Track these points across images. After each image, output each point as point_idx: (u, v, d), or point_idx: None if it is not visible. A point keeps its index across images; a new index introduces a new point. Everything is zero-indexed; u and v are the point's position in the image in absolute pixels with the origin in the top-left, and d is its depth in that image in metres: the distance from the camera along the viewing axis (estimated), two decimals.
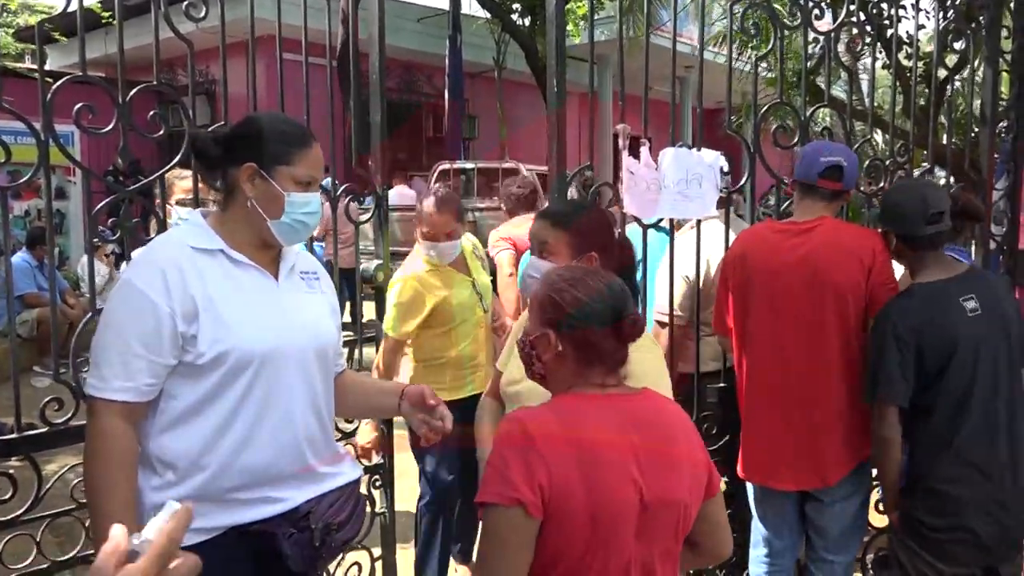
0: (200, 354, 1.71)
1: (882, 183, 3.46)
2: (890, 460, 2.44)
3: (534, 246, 2.18)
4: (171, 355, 1.70)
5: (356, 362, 3.12)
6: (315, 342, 1.88)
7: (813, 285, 2.54)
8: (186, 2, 2.42)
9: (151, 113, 2.45)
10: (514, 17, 13.94)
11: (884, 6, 3.47)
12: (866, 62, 4.96)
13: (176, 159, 2.42)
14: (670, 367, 2.30)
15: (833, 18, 3.26)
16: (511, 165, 10.81)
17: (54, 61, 12.41)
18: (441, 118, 13.90)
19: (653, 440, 1.53)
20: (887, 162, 3.53)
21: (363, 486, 2.32)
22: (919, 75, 4.78)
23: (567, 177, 2.94)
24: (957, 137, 4.68)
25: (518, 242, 4.15)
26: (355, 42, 3.04)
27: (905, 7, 3.57)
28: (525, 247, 3.58)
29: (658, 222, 3.02)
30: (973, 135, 4.05)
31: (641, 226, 2.97)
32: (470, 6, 14.08)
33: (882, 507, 2.80)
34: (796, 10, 3.21)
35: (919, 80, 5.06)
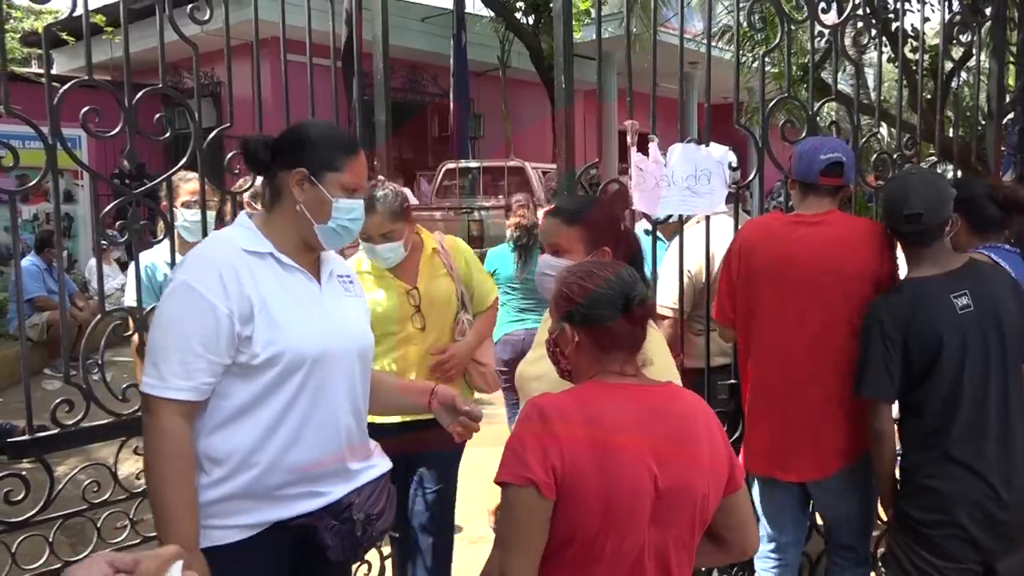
0: (254, 355, 1.74)
1: (890, 176, 3.45)
2: (884, 454, 2.43)
3: (546, 245, 2.19)
4: (227, 355, 1.73)
5: None
6: (357, 344, 1.94)
7: (823, 275, 2.52)
8: (190, 5, 2.43)
9: (157, 116, 2.47)
10: (518, 16, 13.94)
11: (890, 0, 3.46)
12: (872, 56, 4.95)
13: (182, 161, 2.42)
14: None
15: (839, 12, 3.24)
16: (516, 164, 10.80)
17: (60, 65, 12.45)
18: (446, 117, 13.92)
19: (671, 431, 1.56)
20: (894, 156, 3.53)
21: None
22: (925, 68, 4.76)
23: (575, 174, 2.94)
24: (964, 130, 4.67)
25: None
26: (359, 42, 3.04)
27: (910, 0, 3.55)
28: None
29: (666, 218, 3.02)
30: (980, 128, 4.03)
31: (650, 223, 2.98)
32: (474, 5, 14.09)
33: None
34: (803, 4, 3.21)
35: (925, 73, 5.04)
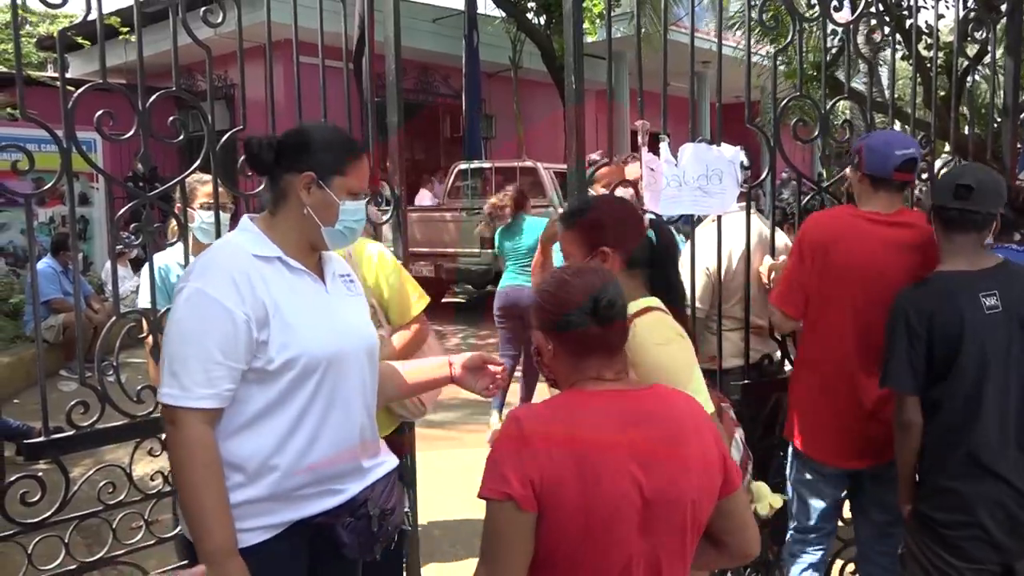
0: (270, 360, 1.75)
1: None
2: (907, 446, 2.40)
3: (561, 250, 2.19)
4: (245, 361, 1.74)
5: None
6: (365, 343, 1.95)
7: (905, 277, 2.50)
8: (204, 8, 2.44)
9: (171, 119, 2.48)
10: (529, 16, 13.94)
11: None
12: (886, 54, 4.91)
13: (196, 164, 2.43)
14: None
15: (852, 9, 3.22)
16: (528, 164, 10.78)
17: (75, 69, 12.53)
18: (458, 118, 13.92)
19: (656, 436, 1.53)
20: None
21: None
22: (939, 65, 4.72)
23: (585, 173, 2.93)
24: (979, 127, 4.63)
25: None
26: (371, 44, 3.05)
27: None
28: None
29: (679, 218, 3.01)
30: (995, 125, 4.00)
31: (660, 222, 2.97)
32: (485, 6, 14.11)
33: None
34: (815, 2, 3.19)
35: (940, 71, 5.00)
